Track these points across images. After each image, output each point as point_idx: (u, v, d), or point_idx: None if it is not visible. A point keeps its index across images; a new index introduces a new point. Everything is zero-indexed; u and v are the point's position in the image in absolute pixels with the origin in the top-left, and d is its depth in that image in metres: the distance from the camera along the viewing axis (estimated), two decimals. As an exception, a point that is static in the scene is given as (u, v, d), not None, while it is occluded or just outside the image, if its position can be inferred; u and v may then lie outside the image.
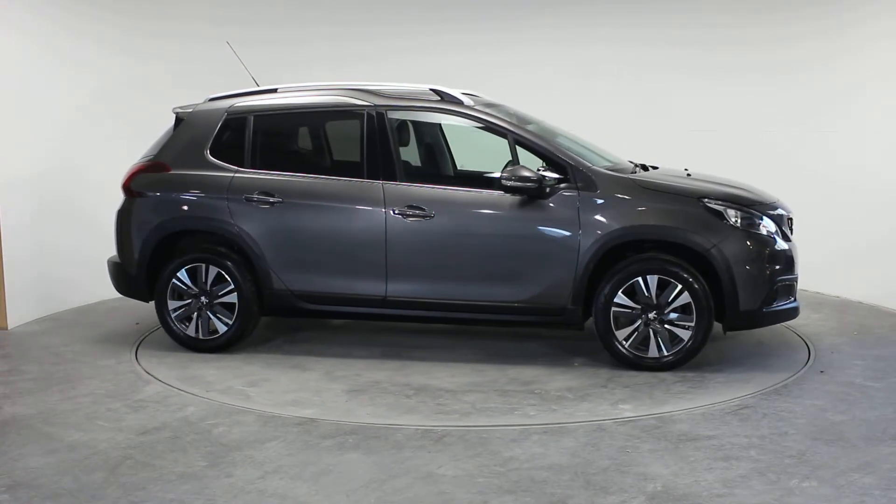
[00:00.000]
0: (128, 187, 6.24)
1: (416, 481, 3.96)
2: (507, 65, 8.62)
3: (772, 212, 5.65)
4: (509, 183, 5.48)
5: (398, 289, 5.77)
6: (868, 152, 7.30)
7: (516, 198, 5.57)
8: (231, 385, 5.42)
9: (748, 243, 5.44)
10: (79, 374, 5.63)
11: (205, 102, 6.32)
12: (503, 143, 5.91)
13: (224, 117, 6.12)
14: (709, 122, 8.17)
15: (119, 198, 6.48)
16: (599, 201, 5.49)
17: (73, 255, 7.36)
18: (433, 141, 6.75)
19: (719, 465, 4.10)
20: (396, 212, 5.70)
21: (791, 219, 5.83)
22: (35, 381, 5.48)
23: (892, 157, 7.10)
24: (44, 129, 7.06)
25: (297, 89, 6.23)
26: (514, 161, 5.68)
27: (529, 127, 5.97)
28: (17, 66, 6.81)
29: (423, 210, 5.67)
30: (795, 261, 5.63)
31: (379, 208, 5.72)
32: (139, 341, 6.38)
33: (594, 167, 5.64)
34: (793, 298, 5.63)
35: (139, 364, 5.83)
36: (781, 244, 5.56)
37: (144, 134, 7.93)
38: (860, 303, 7.36)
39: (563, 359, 5.80)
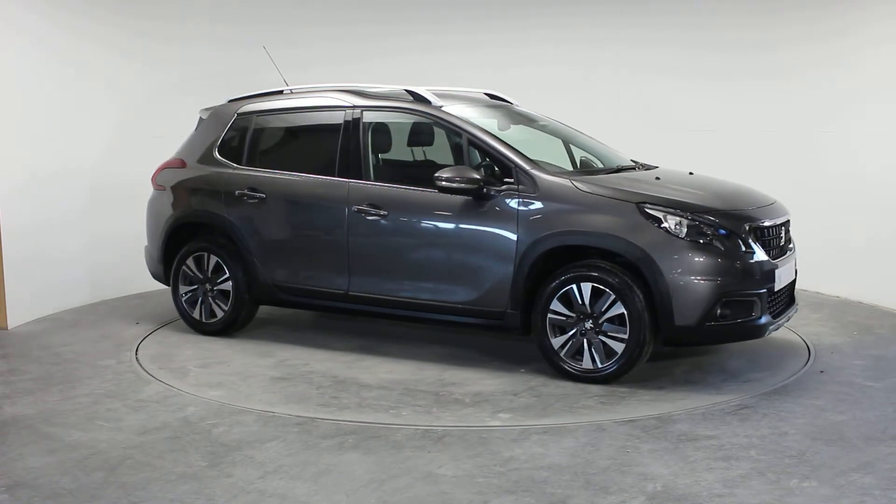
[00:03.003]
0: (154, 181, 6.80)
1: (416, 481, 3.96)
2: (508, 64, 8.63)
3: (734, 221, 5.21)
4: (443, 184, 5.46)
5: (359, 285, 5.93)
6: (868, 152, 7.30)
7: (463, 198, 5.51)
8: (185, 365, 5.81)
9: (687, 252, 5.05)
10: (79, 374, 5.63)
11: (224, 104, 6.71)
12: (550, 144, 6.19)
13: (234, 118, 6.54)
14: (709, 123, 8.19)
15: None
16: (537, 204, 5.34)
17: (72, 256, 7.37)
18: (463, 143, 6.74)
19: (719, 465, 4.10)
20: (356, 210, 5.82)
21: (770, 228, 5.38)
22: (35, 381, 5.48)
23: (893, 157, 7.10)
24: (44, 131, 7.06)
25: (299, 91, 6.49)
26: (467, 161, 5.67)
27: (511, 129, 6.11)
28: (17, 68, 6.81)
29: (380, 209, 5.77)
30: (763, 273, 5.18)
31: (343, 206, 5.87)
32: (139, 341, 6.38)
33: (537, 169, 5.45)
34: (756, 315, 5.16)
35: (139, 364, 5.84)
36: (740, 255, 5.12)
37: (147, 136, 7.98)
38: (860, 303, 7.36)
39: (514, 365, 5.69)
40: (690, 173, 6.03)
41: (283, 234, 6.20)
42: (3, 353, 6.11)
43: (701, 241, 5.08)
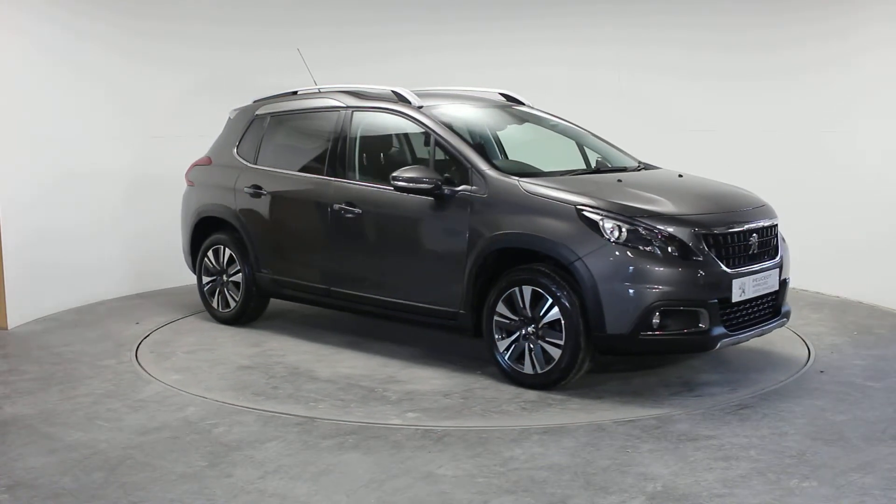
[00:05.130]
0: (186, 177, 7.14)
1: (416, 481, 3.96)
2: (508, 64, 8.64)
3: (680, 226, 4.94)
4: (398, 184, 5.48)
5: (338, 282, 6.06)
6: (868, 152, 7.30)
7: (426, 199, 5.51)
8: (175, 350, 6.16)
9: (621, 258, 4.84)
10: (79, 374, 5.63)
11: (248, 105, 6.96)
12: (558, 146, 6.26)
13: (253, 118, 6.81)
14: (710, 123, 8.19)
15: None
16: (486, 206, 5.28)
17: (73, 256, 7.36)
18: (484, 141, 6.68)
19: (719, 465, 4.10)
20: (337, 208, 5.93)
21: (731, 235, 5.07)
22: (35, 381, 5.48)
23: (892, 156, 7.10)
24: (44, 132, 7.05)
25: (310, 92, 6.68)
26: (432, 161, 5.67)
27: (508, 129, 6.30)
28: (16, 69, 6.81)
29: (355, 207, 5.86)
30: (713, 282, 4.90)
31: (327, 204, 6.01)
32: (139, 341, 6.38)
33: (490, 169, 5.38)
34: (704, 326, 4.88)
35: (139, 364, 5.84)
36: (682, 262, 4.87)
37: (147, 136, 7.97)
38: (860, 303, 7.36)
39: (478, 367, 5.63)
40: (680, 175, 5.88)
41: (280, 229, 6.41)
42: (3, 353, 6.11)
43: (638, 247, 4.88)
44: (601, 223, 4.94)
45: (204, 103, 8.21)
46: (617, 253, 4.87)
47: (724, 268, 4.98)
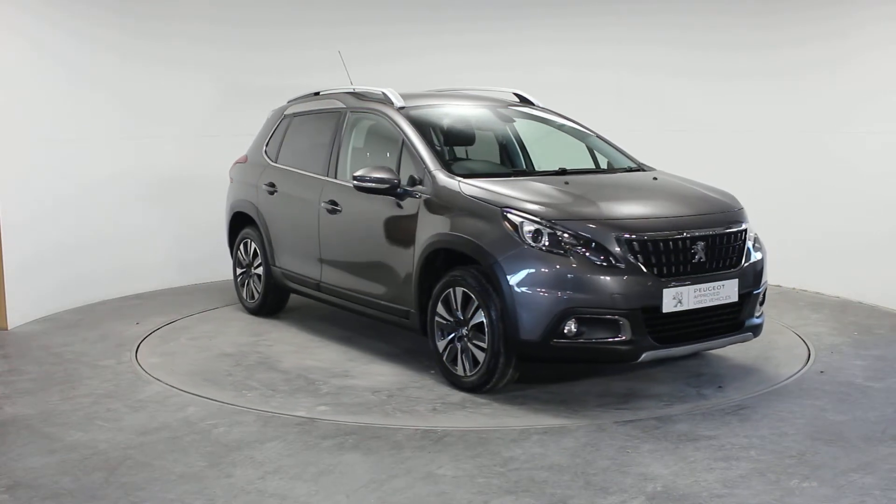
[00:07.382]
0: (229, 174, 7.49)
1: (416, 481, 3.96)
2: (508, 64, 8.65)
3: (602, 231, 4.75)
4: (356, 182, 5.56)
5: (326, 276, 6.29)
6: (869, 153, 7.30)
7: (388, 198, 5.57)
8: (181, 337, 6.46)
9: (537, 262, 4.72)
10: (79, 374, 5.63)
11: (282, 105, 7.21)
12: (558, 146, 6.36)
13: (282, 118, 7.10)
14: (709, 123, 8.21)
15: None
16: (432, 205, 5.30)
17: (73, 256, 7.36)
18: (506, 142, 6.71)
19: (719, 465, 4.10)
20: (323, 205, 6.17)
21: (668, 242, 4.80)
22: (35, 381, 5.48)
23: (892, 156, 7.10)
24: (44, 130, 7.05)
25: (330, 93, 6.84)
26: (398, 161, 5.71)
27: (501, 129, 6.47)
28: (14, 70, 6.81)
29: (337, 205, 6.04)
30: (635, 291, 4.66)
31: (318, 201, 6.23)
32: (139, 341, 6.38)
33: (435, 170, 5.38)
34: (625, 336, 4.67)
35: (139, 364, 5.84)
36: (599, 268, 4.67)
37: (145, 136, 7.97)
38: (860, 303, 7.36)
39: (433, 366, 5.58)
40: (654, 178, 5.72)
41: (286, 225, 6.68)
42: (3, 353, 6.11)
43: (555, 252, 4.73)
44: (521, 226, 4.84)
45: (208, 104, 8.22)
46: (532, 256, 4.75)
47: (652, 276, 4.74)
